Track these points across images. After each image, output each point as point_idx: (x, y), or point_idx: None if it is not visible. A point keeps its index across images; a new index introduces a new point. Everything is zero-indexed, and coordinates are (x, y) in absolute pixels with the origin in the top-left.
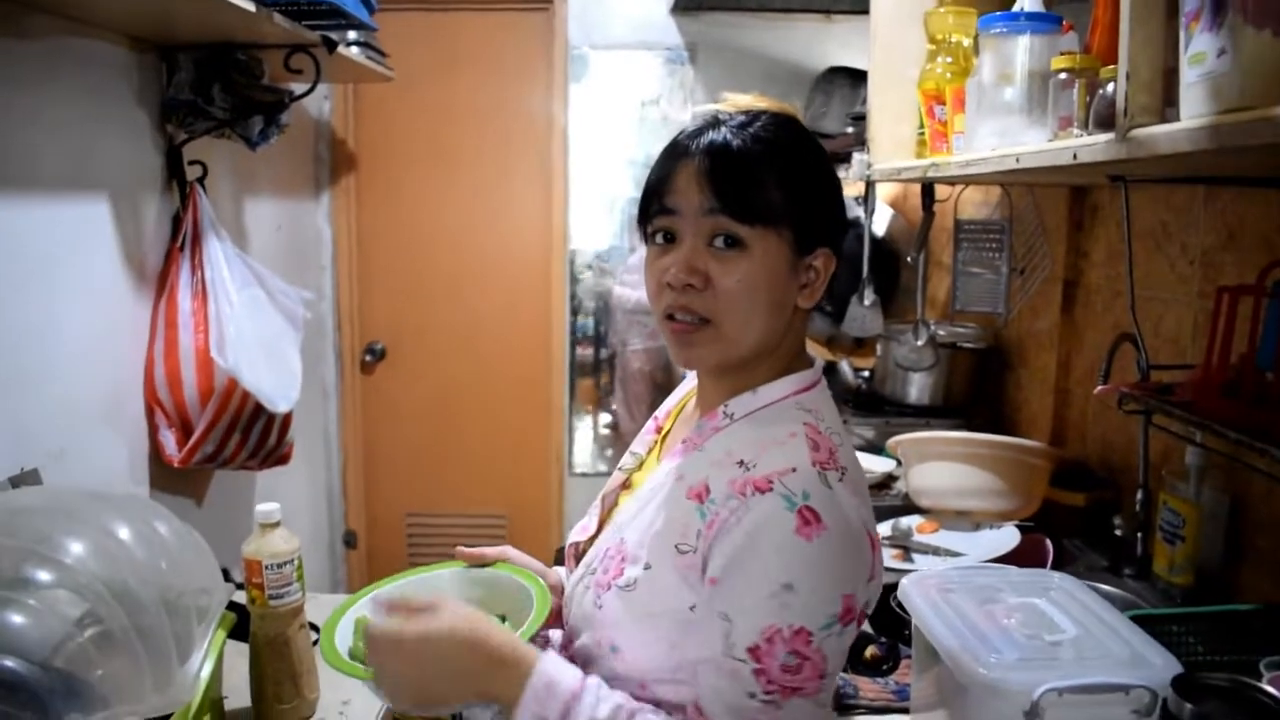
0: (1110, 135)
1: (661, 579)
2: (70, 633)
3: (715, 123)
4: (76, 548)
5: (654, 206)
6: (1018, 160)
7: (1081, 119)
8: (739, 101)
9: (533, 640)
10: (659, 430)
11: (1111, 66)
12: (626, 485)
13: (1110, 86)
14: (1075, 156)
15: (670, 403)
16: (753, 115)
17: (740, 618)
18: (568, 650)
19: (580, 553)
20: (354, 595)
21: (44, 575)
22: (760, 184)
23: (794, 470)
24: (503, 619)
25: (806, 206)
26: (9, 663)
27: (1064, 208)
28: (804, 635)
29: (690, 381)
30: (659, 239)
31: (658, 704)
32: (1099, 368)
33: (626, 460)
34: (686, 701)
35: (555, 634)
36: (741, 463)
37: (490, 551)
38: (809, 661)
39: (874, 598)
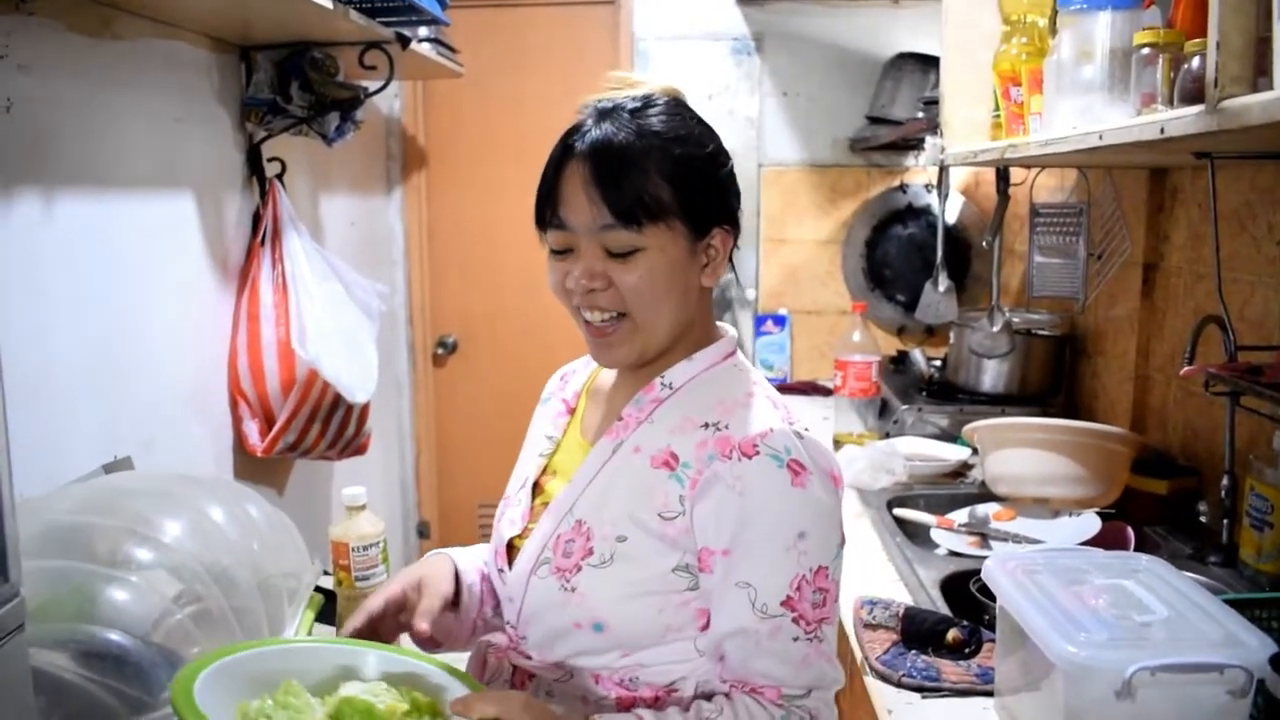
0: (1200, 108)
1: (640, 547)
2: (169, 609)
3: (599, 116)
4: (174, 528)
5: (548, 216)
6: (1101, 138)
7: (1166, 95)
8: (626, 79)
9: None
10: (571, 411)
11: (1197, 40)
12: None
13: (1196, 61)
14: (1163, 131)
15: (576, 384)
16: (640, 103)
17: (764, 579)
18: (526, 643)
19: (510, 546)
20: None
21: (144, 554)
22: (647, 181)
23: (772, 430)
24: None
25: (695, 194)
26: (115, 636)
27: (1143, 190)
28: (823, 572)
29: (588, 361)
30: (556, 249)
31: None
32: (1181, 352)
33: (543, 445)
34: (669, 662)
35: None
36: (707, 424)
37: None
38: (828, 592)
39: None
